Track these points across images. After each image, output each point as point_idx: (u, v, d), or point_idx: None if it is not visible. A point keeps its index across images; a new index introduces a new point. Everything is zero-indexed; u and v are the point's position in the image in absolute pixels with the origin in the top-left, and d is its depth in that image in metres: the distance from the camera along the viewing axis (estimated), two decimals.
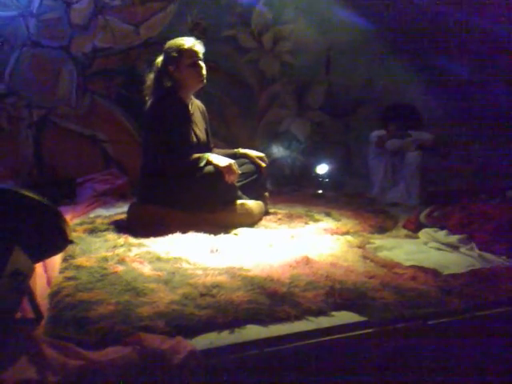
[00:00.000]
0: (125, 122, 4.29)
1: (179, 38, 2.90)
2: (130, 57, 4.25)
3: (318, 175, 4.13)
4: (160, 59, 2.92)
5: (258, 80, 4.57)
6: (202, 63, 2.87)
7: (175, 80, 2.87)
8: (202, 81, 2.89)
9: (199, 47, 2.87)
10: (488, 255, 2.35)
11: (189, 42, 2.86)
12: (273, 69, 4.59)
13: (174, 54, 2.82)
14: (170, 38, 4.06)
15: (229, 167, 2.71)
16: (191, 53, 2.84)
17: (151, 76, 2.94)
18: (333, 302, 1.79)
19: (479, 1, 4.07)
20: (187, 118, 2.93)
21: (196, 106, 3.05)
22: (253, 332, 1.62)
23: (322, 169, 4.12)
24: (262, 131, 4.63)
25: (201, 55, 2.87)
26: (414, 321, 1.73)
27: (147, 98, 2.92)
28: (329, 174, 4.11)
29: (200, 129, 3.00)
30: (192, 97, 3.01)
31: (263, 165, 3.08)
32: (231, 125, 4.44)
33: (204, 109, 3.14)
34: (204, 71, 2.87)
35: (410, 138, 3.84)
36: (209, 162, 2.74)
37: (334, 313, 1.75)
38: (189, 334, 1.56)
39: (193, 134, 2.91)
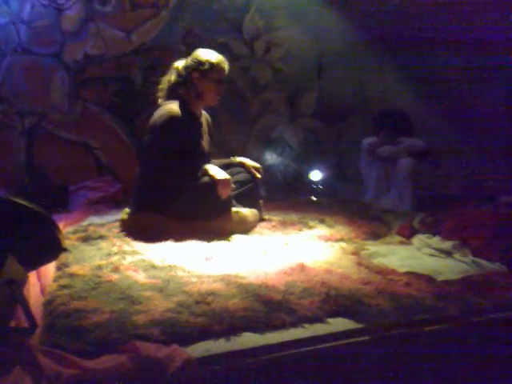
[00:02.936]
0: (117, 129, 4.27)
1: (212, 51, 2.93)
2: (122, 64, 4.24)
3: (311, 182, 4.14)
4: (181, 63, 2.93)
5: (250, 87, 4.57)
6: (224, 84, 2.91)
7: (193, 88, 2.87)
8: (217, 100, 2.93)
9: (227, 68, 2.91)
10: (482, 261, 2.36)
11: (221, 58, 2.90)
12: (265, 76, 4.60)
13: (207, 66, 2.83)
14: (162, 45, 4.07)
15: (224, 181, 2.71)
16: (221, 70, 2.87)
17: (166, 78, 2.95)
18: (328, 308, 1.80)
19: (471, 6, 4.10)
20: (197, 132, 2.95)
21: (204, 117, 3.07)
22: (249, 340, 1.62)
23: (316, 175, 4.13)
24: (255, 138, 4.63)
25: (225, 75, 2.91)
26: (409, 327, 1.73)
27: (160, 101, 2.92)
28: (322, 181, 4.12)
29: (205, 140, 3.02)
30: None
31: (258, 176, 3.09)
32: (224, 131, 4.43)
33: (210, 120, 3.15)
34: (222, 91, 2.91)
35: (402, 145, 3.86)
36: (205, 173, 2.75)
37: (329, 320, 1.76)
38: (184, 342, 1.56)
39: (200, 148, 2.93)
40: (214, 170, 2.76)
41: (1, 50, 4.04)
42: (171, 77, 2.94)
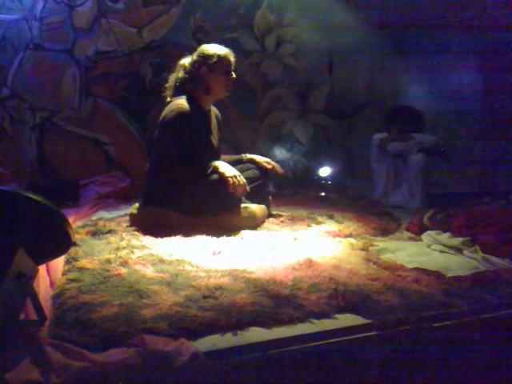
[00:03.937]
0: (128, 124, 4.29)
1: (216, 45, 2.93)
2: (133, 60, 4.26)
3: (320, 178, 4.13)
4: (188, 61, 2.93)
5: (260, 82, 4.57)
6: (234, 74, 2.91)
7: (201, 83, 2.86)
8: (227, 91, 2.93)
9: (233, 60, 2.92)
10: (492, 258, 2.34)
11: (227, 50, 2.91)
12: (275, 71, 4.60)
13: (214, 59, 2.84)
14: (173, 41, 4.07)
15: (234, 177, 2.71)
16: (228, 61, 2.88)
17: (173, 76, 2.96)
18: (336, 304, 1.79)
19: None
20: (206, 128, 2.94)
21: (213, 112, 3.07)
22: (256, 334, 1.61)
23: (325, 171, 4.12)
24: (265, 134, 4.63)
25: (232, 67, 2.91)
26: (417, 323, 1.72)
27: (168, 99, 2.92)
28: (331, 177, 4.11)
29: (215, 137, 3.01)
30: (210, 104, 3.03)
31: (269, 167, 3.09)
32: (233, 127, 4.44)
33: (219, 116, 3.14)
34: (231, 83, 2.91)
35: (413, 141, 3.83)
36: (215, 169, 2.75)
37: (337, 315, 1.75)
38: (192, 336, 1.56)
39: (209, 143, 2.93)
40: (224, 167, 2.76)
41: (13, 46, 4.08)
42: (178, 74, 2.93)
